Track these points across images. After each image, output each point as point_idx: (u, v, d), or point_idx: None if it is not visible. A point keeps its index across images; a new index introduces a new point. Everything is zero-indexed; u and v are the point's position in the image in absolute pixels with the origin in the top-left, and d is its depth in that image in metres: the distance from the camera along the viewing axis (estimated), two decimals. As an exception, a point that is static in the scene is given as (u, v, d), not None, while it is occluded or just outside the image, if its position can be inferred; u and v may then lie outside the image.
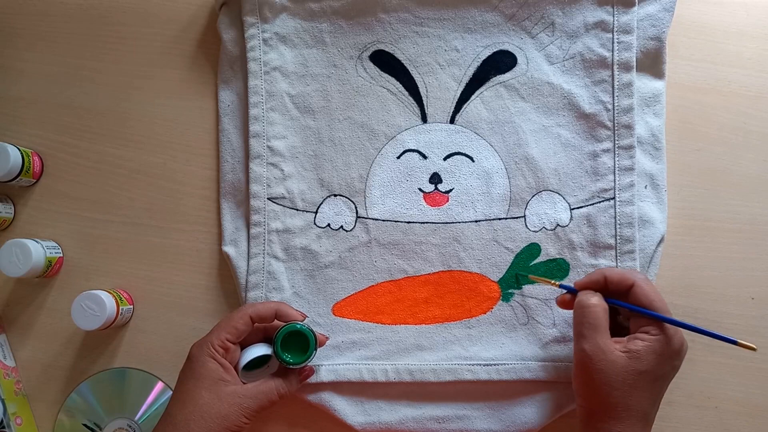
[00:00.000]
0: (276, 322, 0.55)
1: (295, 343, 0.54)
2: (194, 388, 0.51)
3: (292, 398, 0.60)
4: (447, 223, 0.60)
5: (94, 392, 0.62)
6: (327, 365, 0.59)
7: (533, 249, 0.60)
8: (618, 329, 0.53)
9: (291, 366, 0.54)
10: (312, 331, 0.54)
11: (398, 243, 0.60)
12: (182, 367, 0.53)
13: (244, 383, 0.53)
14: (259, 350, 0.54)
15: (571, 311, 0.59)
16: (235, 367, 0.53)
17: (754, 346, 0.49)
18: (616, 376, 0.49)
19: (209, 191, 0.64)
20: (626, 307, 0.52)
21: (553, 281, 0.57)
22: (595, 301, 0.51)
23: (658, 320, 0.50)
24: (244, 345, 0.55)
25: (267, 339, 0.56)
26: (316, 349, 0.54)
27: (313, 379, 0.58)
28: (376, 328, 0.60)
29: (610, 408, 0.49)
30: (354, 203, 0.61)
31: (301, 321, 0.55)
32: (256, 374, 0.56)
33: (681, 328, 0.51)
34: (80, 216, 0.65)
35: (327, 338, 0.58)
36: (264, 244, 0.61)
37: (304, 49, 0.63)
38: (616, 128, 0.59)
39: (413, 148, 0.61)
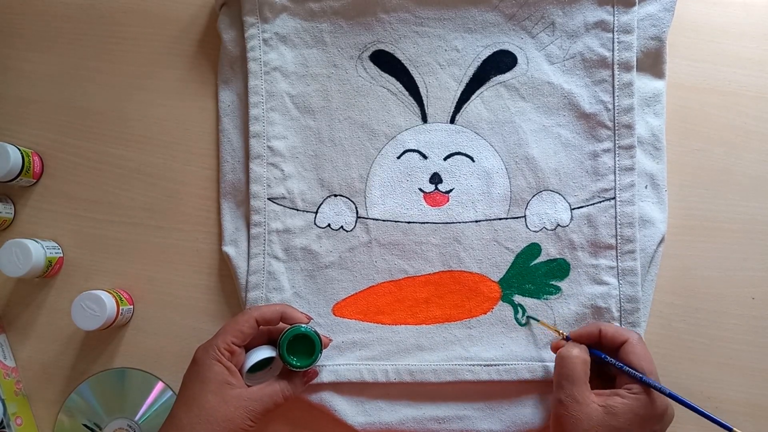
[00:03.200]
0: (280, 324, 0.55)
1: (299, 345, 0.54)
2: (200, 392, 0.51)
3: (293, 398, 0.60)
4: (447, 223, 0.60)
5: (94, 392, 0.62)
6: (327, 365, 0.59)
7: (534, 249, 0.60)
8: (608, 382, 0.54)
9: (296, 369, 0.54)
10: (317, 333, 0.54)
11: (398, 243, 0.60)
12: (187, 370, 0.53)
13: (248, 386, 0.53)
14: (264, 353, 0.54)
15: (570, 311, 0.59)
16: (239, 370, 0.53)
17: None
18: (589, 428, 0.48)
19: (209, 191, 0.64)
20: (611, 363, 0.52)
21: (560, 331, 0.57)
22: (575, 353, 0.52)
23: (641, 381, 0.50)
24: (248, 347, 0.55)
25: (271, 341, 0.56)
26: (321, 352, 0.54)
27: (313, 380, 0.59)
28: (376, 328, 0.60)
29: None
30: (354, 203, 0.61)
31: (306, 324, 0.55)
32: (259, 376, 0.56)
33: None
34: (80, 216, 0.65)
35: (331, 340, 0.58)
36: (264, 244, 0.61)
37: (305, 49, 0.63)
38: (616, 128, 0.59)
39: (413, 148, 0.61)
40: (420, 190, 0.61)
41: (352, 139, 0.62)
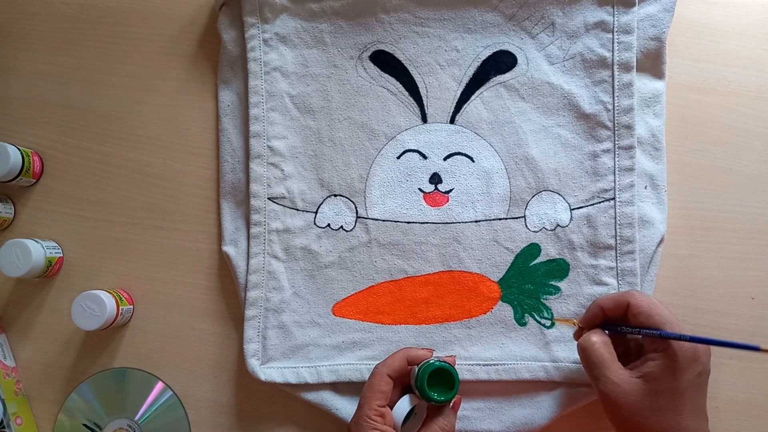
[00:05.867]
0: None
1: (435, 379, 0.51)
2: None
3: (293, 398, 0.60)
4: (447, 223, 0.60)
5: (94, 392, 0.62)
6: (328, 365, 0.59)
7: (533, 249, 0.60)
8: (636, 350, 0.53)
9: (443, 403, 0.51)
10: (446, 362, 0.52)
11: (398, 243, 0.60)
12: None
13: None
14: (408, 402, 0.52)
15: (569, 312, 0.59)
16: (393, 428, 0.51)
17: None
18: (641, 403, 0.48)
19: (209, 191, 0.64)
20: (625, 332, 0.52)
21: (574, 321, 0.57)
22: (593, 339, 0.51)
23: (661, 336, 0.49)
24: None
25: (403, 389, 0.54)
26: (458, 379, 0.51)
27: (314, 379, 0.59)
28: (376, 328, 0.60)
29: None
30: (354, 203, 0.61)
31: (431, 357, 0.53)
32: (411, 425, 0.53)
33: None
34: (80, 216, 0.65)
35: (433, 351, 0.55)
36: (264, 243, 0.61)
37: (305, 50, 0.63)
38: (616, 128, 0.59)
39: (413, 148, 0.61)
40: (420, 190, 0.61)
41: (352, 139, 0.62)
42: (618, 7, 0.60)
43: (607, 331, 0.53)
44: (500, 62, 0.61)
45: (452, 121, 0.61)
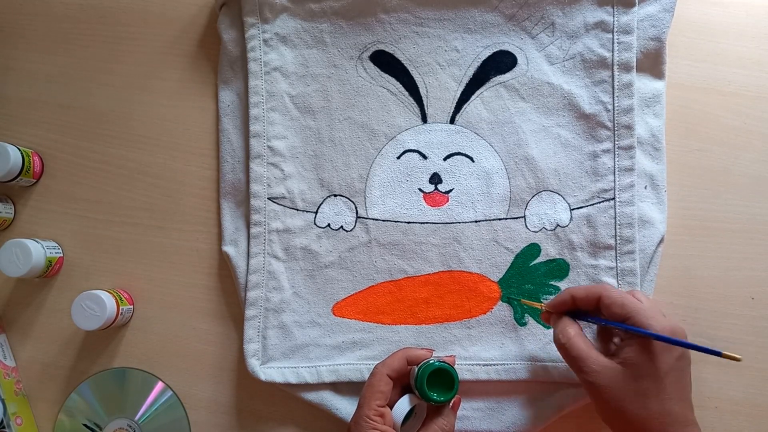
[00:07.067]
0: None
1: (435, 379, 0.51)
2: None
3: (293, 398, 0.60)
4: (447, 223, 0.60)
5: (94, 392, 0.62)
6: (328, 365, 0.59)
7: (533, 249, 0.60)
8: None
9: (442, 403, 0.52)
10: (447, 363, 0.52)
11: (398, 243, 0.60)
12: None
13: None
14: (408, 402, 0.52)
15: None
16: (393, 427, 0.51)
17: (739, 357, 0.45)
18: (624, 389, 0.48)
19: (209, 191, 0.64)
20: (594, 323, 0.52)
21: (540, 304, 0.57)
22: (570, 332, 0.52)
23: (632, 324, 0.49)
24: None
25: (402, 388, 0.54)
26: (458, 380, 0.52)
27: (314, 379, 0.59)
28: (376, 328, 0.60)
29: (646, 426, 0.48)
30: (354, 203, 0.61)
31: (431, 357, 0.53)
32: (411, 425, 0.53)
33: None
34: (80, 216, 0.65)
35: (433, 350, 0.56)
36: (264, 243, 0.61)
37: (305, 50, 0.63)
38: (616, 128, 0.59)
39: (413, 148, 0.61)
40: (420, 190, 0.61)
41: (352, 139, 0.62)
42: (618, 7, 0.60)
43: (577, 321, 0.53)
44: (500, 62, 0.61)
45: (452, 121, 0.61)
